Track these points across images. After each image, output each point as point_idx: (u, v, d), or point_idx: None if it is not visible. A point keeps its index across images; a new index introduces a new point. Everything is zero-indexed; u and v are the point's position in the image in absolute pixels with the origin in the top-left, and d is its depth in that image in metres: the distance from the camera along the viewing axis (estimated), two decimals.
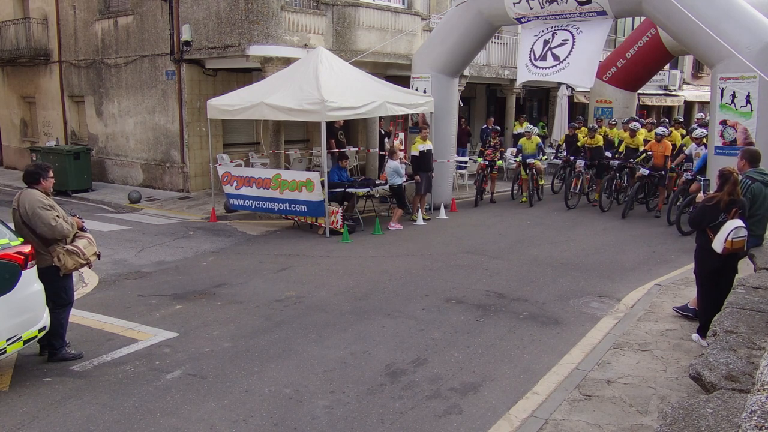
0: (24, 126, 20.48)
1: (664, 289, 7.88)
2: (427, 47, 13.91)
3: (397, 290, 7.97)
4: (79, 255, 5.73)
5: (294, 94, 11.17)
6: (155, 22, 15.41)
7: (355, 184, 12.20)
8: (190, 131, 15.16)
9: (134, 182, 16.69)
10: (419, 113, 13.30)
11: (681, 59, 27.69)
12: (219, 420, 4.76)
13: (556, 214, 13.23)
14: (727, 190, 5.82)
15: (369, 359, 5.85)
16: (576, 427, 4.58)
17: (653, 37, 17.14)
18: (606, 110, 18.27)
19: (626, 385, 5.21)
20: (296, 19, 13.94)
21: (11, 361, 5.73)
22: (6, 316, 5.02)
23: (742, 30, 9.85)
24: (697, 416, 2.91)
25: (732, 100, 10.26)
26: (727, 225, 5.68)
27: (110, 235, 11.17)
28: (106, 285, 8.35)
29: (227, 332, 6.54)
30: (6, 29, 18.98)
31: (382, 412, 4.88)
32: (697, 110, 29.38)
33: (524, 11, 12.05)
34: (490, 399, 5.10)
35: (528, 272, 8.80)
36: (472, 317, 6.98)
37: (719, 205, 5.85)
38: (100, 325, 6.78)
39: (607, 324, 6.78)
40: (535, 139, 14.23)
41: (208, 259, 9.76)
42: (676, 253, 9.83)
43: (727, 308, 4.46)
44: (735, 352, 3.72)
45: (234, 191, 12.16)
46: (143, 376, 5.51)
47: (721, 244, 5.66)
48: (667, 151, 12.53)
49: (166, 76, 15.33)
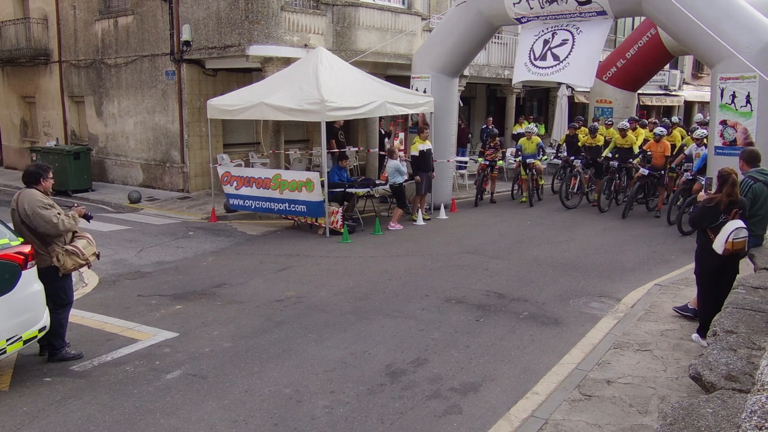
0: (24, 126, 20.48)
1: (664, 289, 7.88)
2: (427, 47, 13.91)
3: (397, 290, 7.97)
4: (79, 255, 5.72)
5: (294, 94, 11.17)
6: (155, 22, 15.41)
7: (355, 184, 12.20)
8: (190, 131, 15.16)
9: (134, 182, 16.69)
10: (419, 113, 13.30)
11: (681, 59, 27.68)
12: (219, 420, 4.76)
13: (556, 214, 13.23)
14: (726, 191, 5.81)
15: (369, 359, 5.85)
16: (576, 427, 4.58)
17: (653, 37, 17.14)
18: (606, 110, 18.27)
19: (626, 385, 5.21)
20: (296, 19, 13.94)
21: (11, 361, 5.73)
22: (6, 316, 5.01)
23: (742, 30, 9.85)
24: (697, 416, 2.91)
25: (732, 100, 10.26)
26: (727, 226, 5.68)
27: (110, 235, 11.17)
28: (106, 285, 8.35)
29: (227, 332, 6.54)
30: (6, 29, 18.97)
31: (382, 412, 4.88)
32: (697, 110, 29.39)
33: (524, 11, 12.05)
34: (490, 399, 5.10)
35: (528, 272, 8.79)
36: (472, 317, 6.98)
37: (719, 206, 5.84)
38: (100, 325, 6.78)
39: (607, 324, 6.78)
40: (535, 139, 14.21)
41: (208, 259, 9.76)
42: (676, 253, 9.83)
43: (727, 308, 4.47)
44: (735, 352, 3.72)
45: (234, 191, 12.15)
46: (143, 376, 5.51)
47: (722, 245, 5.65)
48: (666, 151, 12.54)
49: (166, 76, 15.33)
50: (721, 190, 5.86)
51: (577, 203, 13.89)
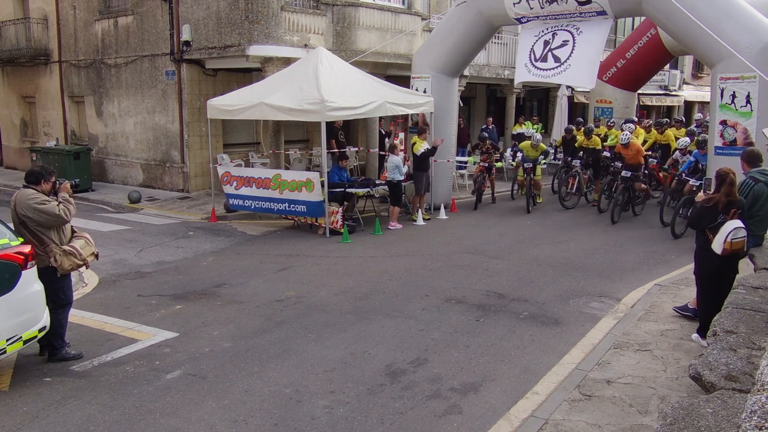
0: (24, 126, 20.47)
1: (664, 289, 7.88)
2: (427, 47, 13.91)
3: (397, 290, 7.97)
4: (76, 255, 5.72)
5: (294, 94, 11.17)
6: (155, 22, 15.41)
7: (355, 184, 12.20)
8: (190, 131, 15.16)
9: (134, 182, 16.69)
10: (419, 113, 13.30)
11: (681, 59, 27.68)
12: (219, 420, 4.76)
13: (556, 214, 13.23)
14: (724, 191, 5.80)
15: (369, 359, 5.85)
16: (576, 427, 4.58)
17: (653, 37, 17.13)
18: (606, 110, 18.27)
19: (626, 385, 5.21)
20: (296, 19, 13.93)
21: (11, 361, 5.73)
22: (6, 316, 5.01)
23: (742, 30, 9.84)
24: (697, 416, 2.91)
25: (732, 100, 10.25)
26: (726, 226, 5.67)
27: (110, 235, 11.17)
28: (106, 285, 8.35)
29: (227, 332, 6.54)
30: (6, 29, 18.97)
31: (382, 412, 4.88)
32: (697, 110, 29.38)
33: (524, 11, 12.05)
34: (490, 399, 5.10)
35: (528, 272, 8.79)
36: (472, 317, 6.98)
37: (717, 206, 5.84)
38: (100, 325, 6.78)
39: (607, 324, 6.78)
40: (541, 147, 13.93)
41: (208, 259, 9.76)
42: (675, 253, 9.83)
43: (727, 308, 4.46)
44: (735, 352, 3.72)
45: (234, 191, 12.15)
46: (143, 376, 5.51)
47: (721, 245, 5.65)
48: (639, 154, 12.34)
49: (166, 76, 15.33)
50: (719, 190, 5.85)
51: (576, 203, 13.87)
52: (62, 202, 5.67)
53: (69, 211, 5.65)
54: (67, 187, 5.92)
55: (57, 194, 5.82)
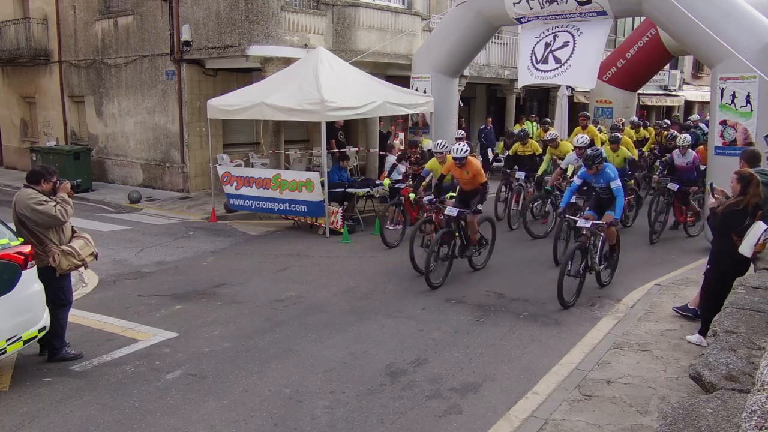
0: (24, 126, 20.47)
1: (664, 289, 7.88)
2: (427, 47, 13.91)
3: (397, 290, 7.97)
4: (75, 256, 5.71)
5: (294, 94, 11.16)
6: (155, 22, 15.40)
7: (355, 185, 12.19)
8: (190, 131, 15.15)
9: (134, 182, 16.68)
10: (419, 113, 13.29)
11: (681, 59, 27.66)
12: (219, 420, 4.76)
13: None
14: (753, 192, 5.60)
15: (369, 359, 5.85)
16: (576, 427, 4.58)
17: (653, 37, 17.13)
18: (606, 110, 18.26)
19: (626, 385, 5.21)
20: (296, 19, 13.93)
21: (11, 361, 5.72)
22: (6, 316, 5.01)
23: (742, 30, 9.83)
24: (697, 416, 2.91)
25: (732, 100, 10.24)
26: (756, 228, 5.47)
27: (110, 235, 11.17)
28: (106, 285, 8.35)
29: (227, 332, 6.54)
30: (6, 29, 18.95)
31: (382, 412, 4.88)
32: (697, 110, 29.38)
33: (524, 11, 12.04)
34: (490, 399, 5.10)
35: (528, 272, 8.79)
36: (472, 317, 6.98)
37: (747, 209, 5.67)
38: (100, 325, 6.78)
39: (607, 324, 6.78)
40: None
41: (208, 259, 9.76)
42: (675, 253, 9.82)
43: (727, 308, 4.45)
44: (735, 352, 3.71)
45: (234, 191, 12.15)
46: (143, 376, 5.51)
47: (751, 248, 5.44)
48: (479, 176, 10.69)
49: (166, 76, 15.32)
50: (745, 192, 5.65)
51: (519, 223, 11.24)
52: (59, 203, 5.66)
53: (66, 211, 5.64)
54: (66, 187, 5.92)
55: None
